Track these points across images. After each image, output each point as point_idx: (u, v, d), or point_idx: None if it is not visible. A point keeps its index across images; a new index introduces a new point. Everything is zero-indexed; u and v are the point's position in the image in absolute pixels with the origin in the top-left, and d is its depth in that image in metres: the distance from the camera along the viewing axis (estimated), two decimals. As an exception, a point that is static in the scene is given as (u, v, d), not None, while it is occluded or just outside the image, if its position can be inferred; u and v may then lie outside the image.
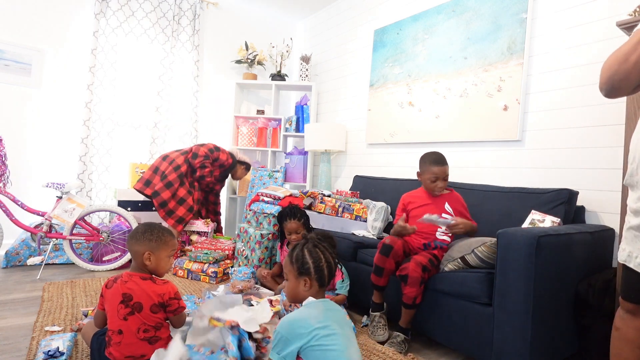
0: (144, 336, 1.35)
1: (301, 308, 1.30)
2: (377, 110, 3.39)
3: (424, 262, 1.81)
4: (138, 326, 1.35)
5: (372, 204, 2.69)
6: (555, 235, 1.57)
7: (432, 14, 2.95)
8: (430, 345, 1.88)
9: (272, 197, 2.86)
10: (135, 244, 1.43)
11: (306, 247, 1.36)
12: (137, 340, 1.34)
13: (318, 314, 1.22)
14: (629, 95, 1.11)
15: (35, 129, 3.30)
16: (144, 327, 1.36)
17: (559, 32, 2.25)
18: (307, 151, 3.88)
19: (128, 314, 1.35)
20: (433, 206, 2.03)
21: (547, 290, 1.54)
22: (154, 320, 1.37)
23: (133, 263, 1.46)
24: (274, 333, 1.20)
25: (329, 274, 1.34)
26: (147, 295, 1.37)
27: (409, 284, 1.78)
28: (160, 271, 1.46)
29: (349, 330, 1.29)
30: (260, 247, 2.66)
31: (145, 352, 1.34)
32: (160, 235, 1.47)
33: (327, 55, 4.14)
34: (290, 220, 2.33)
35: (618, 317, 1.18)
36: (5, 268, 2.81)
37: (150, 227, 1.48)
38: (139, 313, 1.36)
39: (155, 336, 1.37)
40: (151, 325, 1.37)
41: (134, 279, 1.40)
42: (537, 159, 2.33)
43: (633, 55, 1.01)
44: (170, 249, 1.49)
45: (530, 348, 1.47)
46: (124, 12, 3.60)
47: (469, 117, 2.66)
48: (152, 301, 1.38)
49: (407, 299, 1.81)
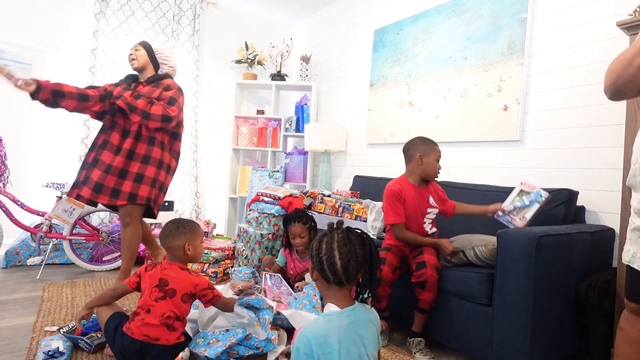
0: (165, 321, 1.46)
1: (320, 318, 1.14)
2: (377, 110, 3.39)
3: (437, 264, 1.81)
4: (164, 311, 1.46)
5: (372, 204, 2.69)
6: (555, 235, 1.57)
7: (432, 14, 2.95)
8: (430, 345, 1.88)
9: (272, 197, 2.86)
10: (172, 240, 1.59)
11: (319, 235, 1.20)
12: (158, 323, 1.44)
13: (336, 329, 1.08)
14: (633, 97, 1.12)
15: (35, 129, 3.30)
16: (169, 314, 1.47)
17: (559, 32, 2.25)
18: (307, 151, 3.88)
19: (160, 298, 1.48)
20: (420, 197, 1.97)
21: (547, 290, 1.54)
22: (180, 309, 1.50)
23: (170, 257, 1.61)
24: (292, 347, 1.08)
25: (332, 271, 1.13)
26: (183, 284, 1.52)
27: (428, 289, 1.76)
28: (198, 257, 1.65)
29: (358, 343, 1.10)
30: (260, 247, 2.66)
31: (159, 336, 1.44)
32: (192, 226, 1.65)
33: (327, 55, 4.14)
34: (295, 223, 2.30)
35: (623, 318, 1.18)
36: (5, 268, 2.81)
37: (181, 222, 1.64)
38: (170, 299, 1.49)
39: (173, 325, 1.47)
40: (176, 312, 1.48)
41: (173, 267, 1.55)
42: (537, 159, 2.33)
43: (637, 59, 1.02)
44: (202, 235, 1.69)
45: (530, 348, 1.47)
46: (123, 12, 3.59)
47: (469, 117, 2.66)
48: (185, 290, 1.52)
49: (425, 304, 1.78)
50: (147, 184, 2.20)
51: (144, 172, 2.19)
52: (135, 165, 2.18)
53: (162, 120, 2.18)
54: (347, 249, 1.14)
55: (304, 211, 2.45)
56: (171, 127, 2.27)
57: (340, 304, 1.14)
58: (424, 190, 2.00)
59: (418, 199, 1.96)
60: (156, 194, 2.27)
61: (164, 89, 2.29)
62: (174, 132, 2.36)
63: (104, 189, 2.13)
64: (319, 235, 1.21)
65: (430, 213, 2.01)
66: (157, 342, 1.43)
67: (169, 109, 2.21)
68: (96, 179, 2.13)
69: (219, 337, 1.56)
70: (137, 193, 2.17)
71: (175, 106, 2.24)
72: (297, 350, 1.06)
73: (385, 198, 1.98)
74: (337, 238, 1.16)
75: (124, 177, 2.16)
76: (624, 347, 1.17)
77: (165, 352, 1.45)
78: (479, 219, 2.14)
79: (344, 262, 1.13)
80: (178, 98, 2.28)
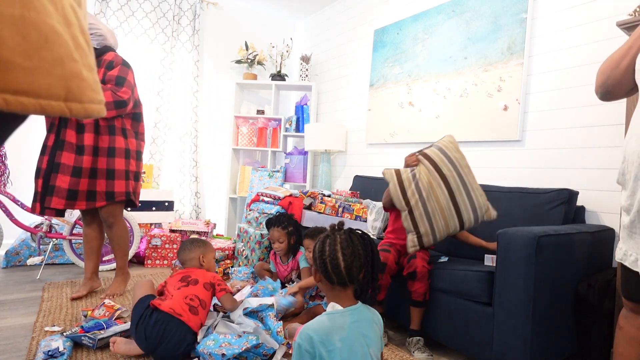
0: (189, 302, 1.59)
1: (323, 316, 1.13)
2: (377, 110, 3.39)
3: (426, 257, 1.87)
4: (187, 294, 1.62)
5: (372, 204, 2.69)
6: (555, 236, 1.57)
7: (432, 14, 2.95)
8: (430, 345, 1.88)
9: (272, 197, 2.86)
10: (188, 253, 1.83)
11: (322, 237, 1.21)
12: (182, 302, 1.58)
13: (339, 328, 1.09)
14: (624, 98, 1.14)
15: (35, 129, 3.30)
16: (192, 296, 1.62)
17: (559, 32, 2.25)
18: (307, 151, 3.89)
19: (183, 286, 1.66)
20: None
21: (547, 290, 1.54)
22: (203, 294, 1.66)
23: (188, 267, 1.82)
24: (294, 344, 1.09)
25: (335, 272, 1.13)
26: (203, 275, 1.73)
27: (418, 279, 1.80)
28: (211, 269, 1.86)
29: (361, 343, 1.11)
30: (260, 247, 2.65)
31: (182, 313, 1.54)
32: (205, 242, 1.90)
33: (327, 55, 4.14)
34: (274, 227, 2.29)
35: (621, 316, 1.19)
36: (5, 268, 2.81)
37: (195, 239, 1.91)
38: (193, 286, 1.67)
39: (196, 308, 1.60)
40: (199, 297, 1.63)
41: (192, 268, 1.79)
42: (537, 159, 2.33)
43: (624, 61, 1.06)
44: (214, 251, 1.93)
45: (530, 348, 1.47)
46: (124, 12, 3.60)
47: (469, 117, 2.66)
48: (206, 279, 1.71)
49: (418, 295, 1.81)
50: (121, 177, 2.06)
51: (113, 166, 2.04)
52: (103, 161, 2.01)
53: (116, 107, 1.95)
54: (350, 250, 1.15)
55: (287, 215, 2.44)
56: (129, 110, 2.04)
57: (343, 304, 1.15)
58: None
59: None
60: (133, 186, 2.15)
61: (106, 67, 2.02)
62: (135, 113, 2.15)
63: (79, 195, 1.96)
64: (321, 237, 1.21)
65: None
66: (180, 318, 1.52)
67: (119, 91, 1.96)
68: (67, 186, 1.93)
69: (231, 341, 1.55)
70: (114, 190, 2.04)
71: (126, 86, 1.99)
72: (299, 347, 1.06)
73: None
74: (339, 239, 1.17)
75: (95, 176, 2.01)
76: (623, 345, 1.18)
77: (185, 339, 1.52)
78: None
79: (348, 263, 1.14)
80: (126, 75, 2.03)
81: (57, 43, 0.30)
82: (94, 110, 0.34)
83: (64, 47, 0.30)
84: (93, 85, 0.34)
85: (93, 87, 0.34)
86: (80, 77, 0.32)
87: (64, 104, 0.31)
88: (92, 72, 0.35)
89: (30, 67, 0.28)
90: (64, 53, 0.30)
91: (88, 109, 0.34)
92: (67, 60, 0.31)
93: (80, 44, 0.33)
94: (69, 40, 0.31)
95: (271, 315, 1.70)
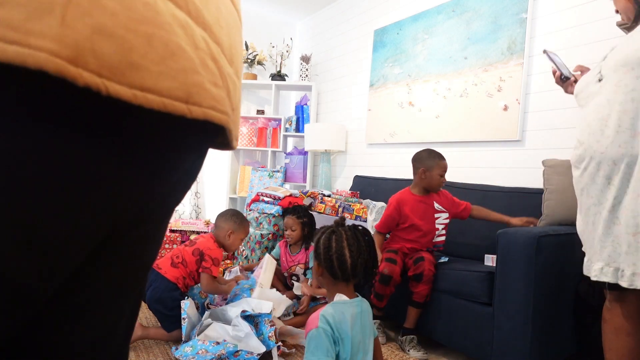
0: (173, 259, 1.81)
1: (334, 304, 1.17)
2: (377, 110, 3.39)
3: (433, 260, 1.88)
4: (176, 252, 1.83)
5: (372, 204, 2.69)
6: (555, 235, 1.57)
7: (432, 14, 2.95)
8: (430, 345, 1.88)
9: (272, 197, 2.86)
10: (224, 221, 1.92)
11: (327, 232, 1.22)
12: (167, 259, 1.82)
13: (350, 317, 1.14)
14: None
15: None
16: (178, 254, 1.82)
17: (559, 32, 2.25)
18: (307, 151, 3.89)
19: (184, 246, 1.87)
20: (424, 204, 2.03)
21: (547, 290, 1.54)
22: (189, 257, 1.82)
23: (216, 232, 1.94)
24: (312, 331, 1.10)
25: (341, 269, 1.16)
26: (202, 243, 1.85)
27: (424, 281, 1.79)
28: (232, 248, 1.95)
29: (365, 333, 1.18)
30: (260, 247, 2.66)
31: (162, 267, 1.78)
32: (243, 221, 1.96)
33: (327, 55, 4.14)
34: (290, 215, 2.36)
35: (605, 310, 1.21)
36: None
37: (238, 213, 1.98)
38: (187, 247, 1.84)
39: (177, 264, 1.80)
40: (184, 257, 1.82)
41: (208, 237, 1.91)
42: (537, 159, 2.32)
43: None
44: (245, 234, 1.98)
45: (530, 348, 1.47)
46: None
47: (469, 117, 2.66)
48: (200, 247, 1.83)
49: (420, 297, 1.81)
50: None
51: None
52: None
53: None
54: (356, 246, 1.18)
55: (305, 208, 2.47)
56: None
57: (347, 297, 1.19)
58: (426, 198, 2.04)
59: (421, 207, 2.02)
60: None
61: None
62: None
63: None
64: (326, 232, 1.22)
65: (439, 218, 2.04)
66: (159, 271, 1.75)
67: None
68: None
69: (209, 348, 1.57)
70: None
71: None
72: (322, 330, 1.08)
73: (386, 207, 2.13)
74: (345, 236, 1.19)
75: None
76: (610, 338, 1.18)
77: (160, 289, 1.73)
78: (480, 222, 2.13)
79: (354, 260, 1.16)
80: None
81: (183, 57, 0.36)
82: (213, 117, 0.41)
83: (189, 61, 0.37)
84: (216, 97, 0.41)
85: (216, 98, 0.41)
86: (202, 87, 0.39)
87: (185, 105, 0.37)
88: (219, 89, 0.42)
89: (157, 71, 0.34)
90: (188, 66, 0.37)
91: (207, 113, 0.39)
92: (190, 72, 0.37)
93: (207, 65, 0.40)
94: (194, 59, 0.38)
95: (266, 321, 1.69)
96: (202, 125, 0.41)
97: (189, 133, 0.44)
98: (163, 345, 1.75)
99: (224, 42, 0.44)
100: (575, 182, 1.26)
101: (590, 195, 1.18)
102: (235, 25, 0.49)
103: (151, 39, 0.34)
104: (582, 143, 1.21)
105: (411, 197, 2.05)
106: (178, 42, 0.36)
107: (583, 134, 1.21)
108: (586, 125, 1.20)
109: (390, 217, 2.05)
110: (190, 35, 0.37)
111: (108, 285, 0.46)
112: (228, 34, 0.45)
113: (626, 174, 1.10)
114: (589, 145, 1.18)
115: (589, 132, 1.19)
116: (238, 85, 0.50)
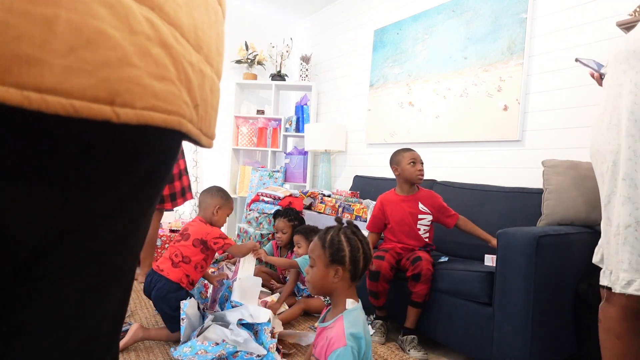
0: (172, 258, 1.75)
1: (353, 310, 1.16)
2: (377, 110, 3.39)
3: (431, 260, 1.87)
4: (174, 251, 1.76)
5: (372, 204, 2.69)
6: (555, 235, 1.57)
7: (432, 14, 2.95)
8: (430, 345, 1.88)
9: (272, 197, 2.86)
10: (210, 197, 1.88)
11: (343, 232, 1.18)
12: (167, 259, 1.75)
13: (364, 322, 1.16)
14: None
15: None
16: (176, 252, 1.75)
17: (559, 32, 2.25)
18: (307, 151, 3.89)
19: (177, 241, 1.80)
20: (406, 204, 2.04)
21: (547, 290, 1.54)
22: (188, 251, 1.75)
23: (200, 212, 1.90)
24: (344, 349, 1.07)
25: (364, 268, 1.17)
26: (197, 231, 1.79)
27: (422, 281, 1.79)
28: (219, 224, 1.90)
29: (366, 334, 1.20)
30: (260, 247, 2.65)
31: (164, 268, 1.72)
32: (228, 197, 1.94)
33: (327, 55, 4.14)
34: (280, 218, 2.39)
35: (600, 311, 1.20)
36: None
37: (222, 188, 1.96)
38: (184, 241, 1.77)
39: (177, 263, 1.74)
40: (182, 253, 1.75)
41: (196, 220, 1.86)
42: (537, 159, 2.32)
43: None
44: (230, 209, 1.95)
45: (530, 348, 1.47)
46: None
47: (469, 117, 2.66)
48: (197, 236, 1.78)
49: (418, 297, 1.81)
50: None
51: None
52: None
53: None
54: (367, 245, 1.21)
55: (295, 211, 2.50)
56: None
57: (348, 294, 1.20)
58: (410, 197, 2.05)
59: (404, 207, 2.04)
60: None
61: None
62: None
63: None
64: (342, 234, 1.18)
65: (423, 219, 2.04)
66: (161, 273, 1.70)
67: None
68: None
69: (208, 348, 1.56)
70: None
71: None
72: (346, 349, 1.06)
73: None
74: (359, 235, 1.20)
75: None
76: (603, 337, 1.17)
77: (164, 289, 1.69)
78: (480, 222, 2.14)
79: (366, 257, 1.19)
80: None
81: (106, 45, 0.28)
82: (155, 119, 0.32)
83: (116, 50, 0.29)
84: (160, 94, 0.32)
85: (160, 95, 0.32)
86: (137, 83, 0.30)
87: (109, 107, 0.29)
88: (168, 83, 0.33)
89: (62, 65, 0.26)
90: (114, 56, 0.29)
91: (143, 115, 0.31)
92: (117, 65, 0.29)
93: (149, 53, 0.31)
94: (127, 46, 0.29)
95: (266, 330, 1.66)
96: (141, 130, 0.33)
97: (125, 140, 0.34)
98: (163, 345, 1.75)
99: (183, 23, 0.36)
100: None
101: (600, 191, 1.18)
102: (203, 2, 0.40)
103: (53, 24, 0.26)
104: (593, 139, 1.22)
105: (394, 197, 2.09)
106: (98, 26, 0.28)
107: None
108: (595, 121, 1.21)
109: (375, 216, 2.11)
110: (122, 16, 0.29)
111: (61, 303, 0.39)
112: (190, 13, 0.37)
113: (614, 172, 1.09)
114: (593, 141, 1.18)
115: (594, 128, 1.19)
116: (210, 74, 0.41)
